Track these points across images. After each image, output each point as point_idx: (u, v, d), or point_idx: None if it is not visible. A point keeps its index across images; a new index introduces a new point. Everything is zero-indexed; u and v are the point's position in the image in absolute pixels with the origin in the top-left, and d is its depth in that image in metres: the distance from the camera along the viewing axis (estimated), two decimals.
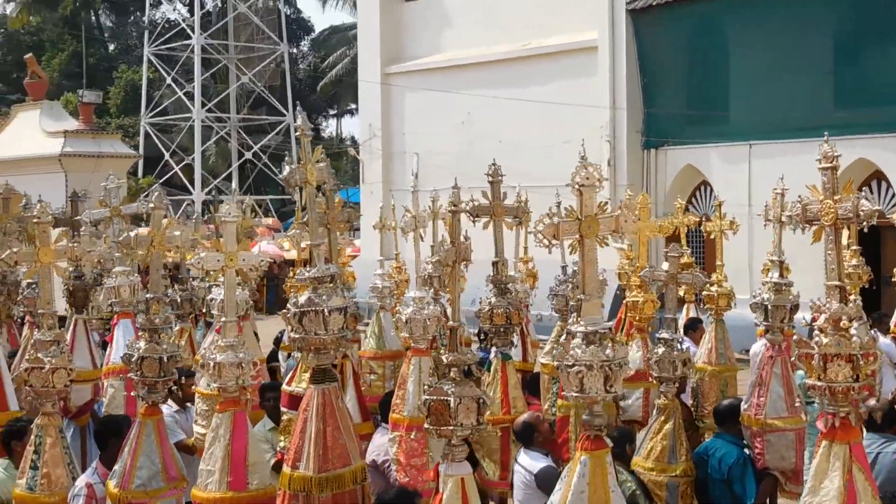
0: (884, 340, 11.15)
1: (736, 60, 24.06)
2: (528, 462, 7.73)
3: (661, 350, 7.80)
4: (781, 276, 8.20)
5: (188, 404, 9.28)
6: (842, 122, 21.28)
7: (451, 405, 5.17)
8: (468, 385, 5.23)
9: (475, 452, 8.40)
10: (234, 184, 37.74)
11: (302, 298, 5.85)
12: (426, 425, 5.28)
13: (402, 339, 9.71)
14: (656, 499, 7.67)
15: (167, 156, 45.45)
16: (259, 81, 46.45)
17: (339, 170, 52.27)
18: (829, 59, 22.44)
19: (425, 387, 5.38)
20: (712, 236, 11.44)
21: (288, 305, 5.97)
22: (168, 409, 8.81)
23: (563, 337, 5.18)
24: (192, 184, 44.41)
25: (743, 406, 8.15)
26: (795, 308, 8.21)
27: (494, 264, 8.62)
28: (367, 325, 11.46)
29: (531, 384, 10.11)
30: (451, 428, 5.19)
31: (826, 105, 22.08)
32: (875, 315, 11.56)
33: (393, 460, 7.87)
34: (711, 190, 24.18)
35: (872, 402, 7.85)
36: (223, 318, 6.54)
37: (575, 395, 5.07)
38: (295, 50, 57.90)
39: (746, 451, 8.01)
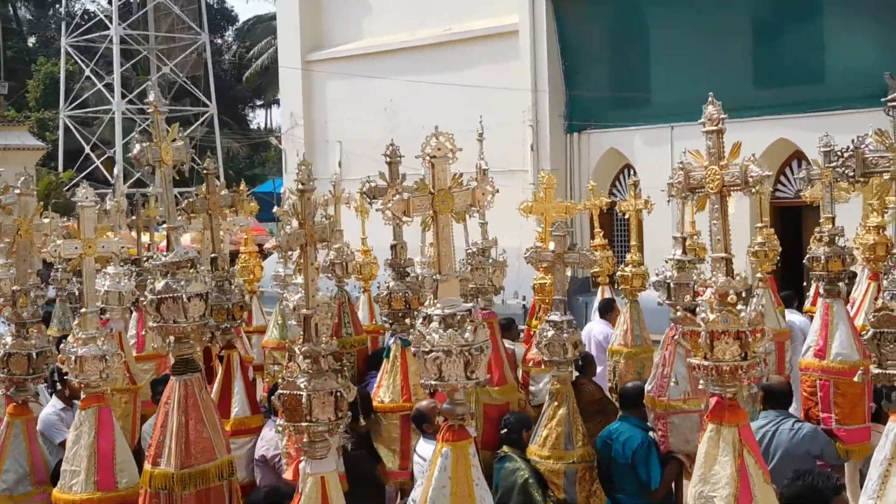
0: (798, 318, 10.95)
1: (657, 43, 23.96)
2: (426, 451, 7.40)
3: (550, 333, 7.46)
4: (684, 252, 7.89)
5: (75, 401, 8.78)
6: (762, 103, 21.27)
7: (304, 400, 4.75)
8: (325, 377, 4.80)
9: (374, 442, 8.10)
10: (157, 176, 36.82)
11: (159, 285, 5.41)
12: (279, 422, 4.87)
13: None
14: (553, 487, 7.37)
15: (87, 149, 44.33)
16: (181, 72, 45.51)
17: (268, 161, 51.55)
18: (749, 40, 22.41)
19: (280, 380, 4.94)
20: (626, 216, 11.17)
21: (145, 292, 5.52)
22: (53, 406, 8.36)
23: (420, 321, 4.79)
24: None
25: (647, 387, 7.85)
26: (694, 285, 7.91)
27: (393, 248, 8.23)
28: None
29: None
30: (306, 425, 4.76)
31: (746, 86, 22.04)
32: (784, 294, 11.39)
33: (283, 454, 7.45)
34: (635, 173, 24.03)
35: (770, 378, 7.63)
36: (84, 310, 6.08)
37: (434, 382, 4.68)
38: (220, 40, 57.01)
39: (651, 434, 7.71)
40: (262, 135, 49.31)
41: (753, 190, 4.90)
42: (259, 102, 58.77)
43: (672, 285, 7.83)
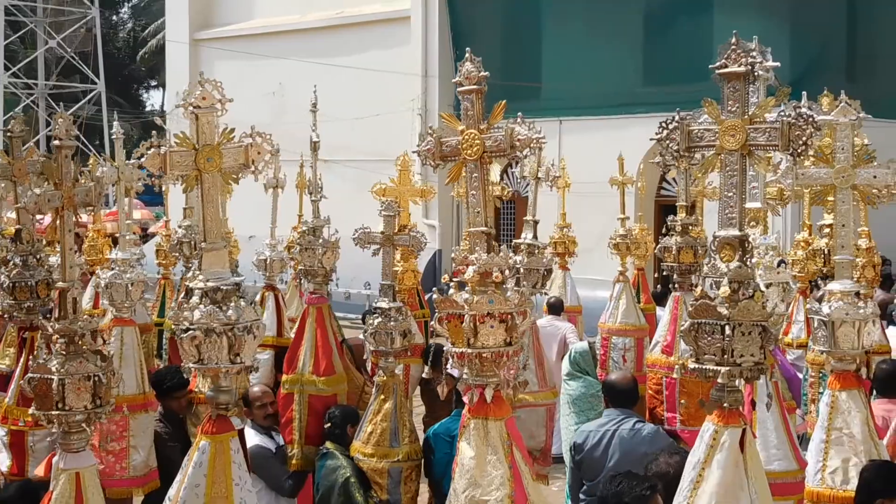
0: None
1: (548, 34, 23.71)
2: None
3: (376, 321, 6.98)
4: (535, 237, 7.48)
5: None
6: (652, 99, 21.09)
7: (55, 385, 4.18)
8: (80, 360, 4.22)
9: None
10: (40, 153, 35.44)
11: None
12: (31, 410, 4.28)
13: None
14: (376, 487, 6.89)
15: None
16: (69, 47, 43.95)
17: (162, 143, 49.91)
18: (640, 35, 22.27)
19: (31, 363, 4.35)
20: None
21: None
22: None
23: (182, 296, 4.24)
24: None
25: None
26: (549, 272, 7.51)
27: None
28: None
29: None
30: (58, 413, 4.18)
31: (636, 82, 21.91)
32: (659, 292, 11.16)
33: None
34: (522, 166, 23.80)
35: (613, 375, 7.25)
36: None
37: (193, 365, 4.15)
38: (115, 17, 55.34)
39: None
40: (148, 115, 47.91)
41: (520, 154, 4.44)
42: (154, 83, 57.20)
43: (522, 270, 7.43)
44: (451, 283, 4.59)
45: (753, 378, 4.54)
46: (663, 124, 4.65)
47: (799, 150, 4.44)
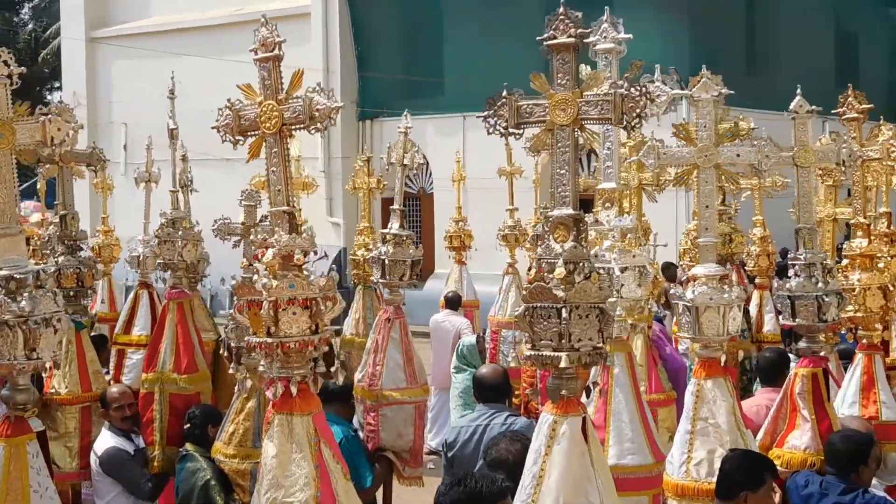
0: None
1: (450, 30, 23.54)
2: (99, 443, 6.83)
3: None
4: (402, 226, 7.16)
5: None
6: None
7: None
8: None
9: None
10: None
11: None
12: None
13: None
14: (238, 489, 6.50)
15: None
16: None
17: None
18: (539, 30, 22.03)
19: None
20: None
21: None
22: None
23: None
24: None
25: (357, 377, 7.10)
26: (417, 263, 7.20)
27: (62, 218, 7.22)
28: None
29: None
30: None
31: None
32: None
33: None
34: (427, 163, 23.56)
35: (483, 369, 6.96)
36: None
37: None
38: (15, 18, 53.86)
39: (356, 431, 6.96)
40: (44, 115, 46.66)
41: (321, 126, 4.13)
42: (57, 84, 55.74)
43: (387, 262, 7.11)
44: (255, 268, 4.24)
45: (593, 363, 4.27)
46: (491, 100, 4.37)
47: (632, 123, 4.21)
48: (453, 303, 12.36)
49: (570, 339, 4.18)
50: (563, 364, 4.17)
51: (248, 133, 4.29)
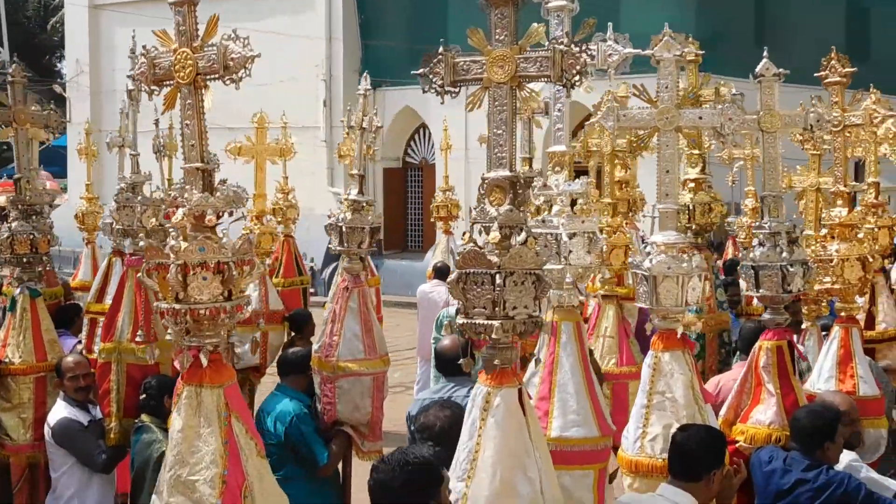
0: None
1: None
2: (52, 414, 6.65)
3: None
4: (361, 192, 6.94)
5: None
6: None
7: None
8: None
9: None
10: None
11: None
12: None
13: None
14: None
15: None
16: None
17: None
18: None
19: None
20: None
21: None
22: None
23: None
24: None
25: (314, 347, 6.90)
26: (376, 230, 6.98)
27: (17, 182, 7.04)
28: None
29: None
30: None
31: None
32: None
33: None
34: (430, 133, 23.33)
35: (445, 341, 6.74)
36: None
37: None
38: None
39: (306, 407, 6.76)
40: (47, 82, 46.52)
41: (236, 77, 3.92)
42: (65, 53, 55.59)
43: (345, 229, 6.89)
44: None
45: (528, 332, 4.06)
46: (427, 57, 4.15)
47: (572, 81, 3.98)
48: (442, 273, 12.17)
49: (504, 307, 3.97)
50: (495, 333, 3.96)
51: (164, 83, 4.07)
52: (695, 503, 4.71)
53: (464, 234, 4.02)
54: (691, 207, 7.63)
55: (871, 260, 6.36)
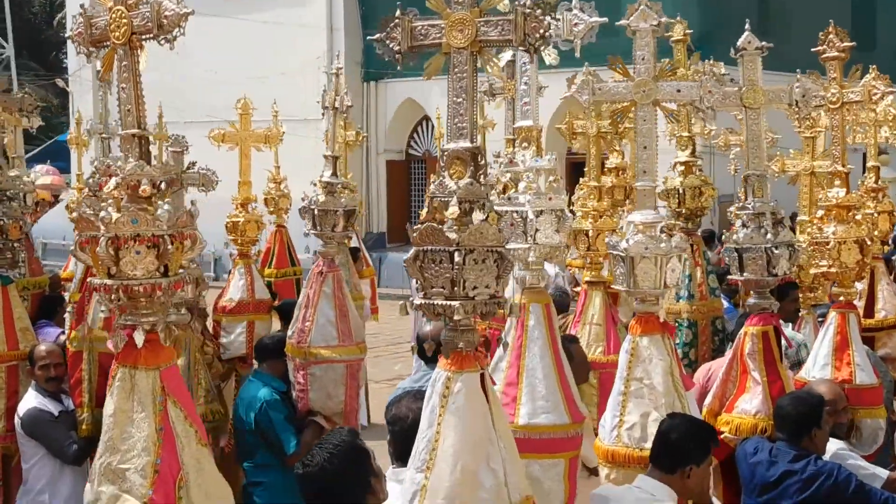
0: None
1: None
2: (22, 404, 6.49)
3: None
4: (335, 174, 6.72)
5: None
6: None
7: None
8: None
9: None
10: None
11: None
12: None
13: None
14: None
15: None
16: None
17: None
18: None
19: None
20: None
21: None
22: None
23: None
24: None
25: (288, 333, 6.69)
26: (351, 213, 6.76)
27: None
28: None
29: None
30: None
31: None
32: None
33: None
34: (433, 125, 23.11)
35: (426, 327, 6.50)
36: None
37: None
38: None
39: (280, 394, 6.55)
40: (50, 76, 46.28)
41: (170, 37, 3.69)
42: None
43: (317, 211, 6.67)
44: None
45: (491, 313, 3.82)
46: (384, 21, 3.92)
47: (536, 45, 3.75)
48: None
49: (463, 287, 3.73)
50: (456, 315, 3.73)
51: (101, 44, 3.84)
52: (673, 496, 4.47)
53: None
54: (681, 191, 7.38)
55: (869, 243, 6.08)
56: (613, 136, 7.04)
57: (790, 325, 7.63)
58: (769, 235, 5.21)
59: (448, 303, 3.74)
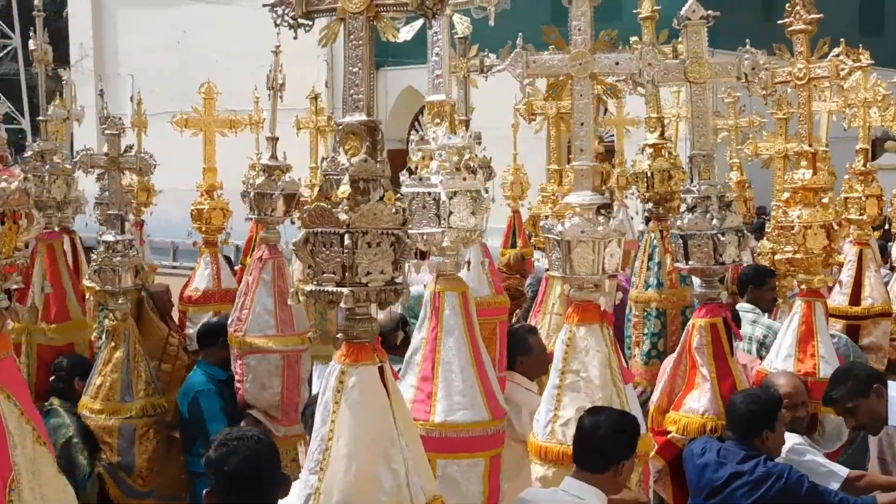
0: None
1: None
2: None
3: (101, 256, 6.05)
4: (274, 157, 6.43)
5: None
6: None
7: None
8: None
9: None
10: None
11: None
12: None
13: None
14: (104, 447, 6.00)
15: None
16: None
17: None
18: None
19: None
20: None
21: None
22: None
23: None
24: None
25: (230, 321, 6.41)
26: (291, 197, 6.46)
27: None
28: None
29: None
30: None
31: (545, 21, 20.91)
32: None
33: None
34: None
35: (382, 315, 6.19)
36: None
37: None
38: None
39: (217, 383, 6.29)
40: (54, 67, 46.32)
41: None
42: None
43: (253, 194, 6.40)
44: None
45: (388, 301, 3.50)
46: None
47: (434, 10, 3.44)
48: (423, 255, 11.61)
49: (355, 273, 3.42)
50: (344, 302, 3.42)
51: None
52: (602, 497, 4.15)
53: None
54: (650, 175, 7.04)
55: (836, 228, 5.73)
56: (572, 118, 6.67)
57: (767, 314, 7.31)
58: (715, 221, 4.86)
59: (338, 289, 3.42)
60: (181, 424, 6.33)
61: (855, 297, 7.90)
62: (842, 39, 5.83)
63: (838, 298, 7.96)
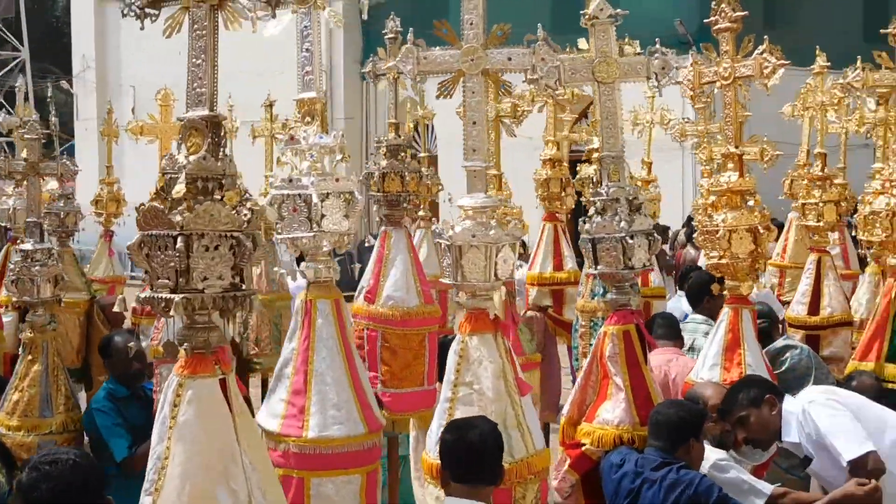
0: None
1: None
2: None
3: (19, 265, 5.91)
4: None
5: None
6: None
7: None
8: None
9: None
10: None
11: None
12: None
13: None
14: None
15: None
16: None
17: None
18: None
19: None
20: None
21: None
22: None
23: None
24: None
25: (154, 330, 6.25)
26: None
27: None
28: None
29: None
30: None
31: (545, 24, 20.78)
32: None
33: None
34: (432, 124, 22.68)
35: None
36: None
37: None
38: None
39: (116, 399, 6.10)
40: (56, 77, 46.36)
41: None
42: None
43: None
44: None
45: (229, 309, 3.31)
46: None
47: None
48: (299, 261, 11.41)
49: (190, 278, 3.23)
50: (175, 310, 3.23)
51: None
52: None
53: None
54: (595, 180, 6.81)
55: (763, 232, 5.49)
56: (513, 121, 6.49)
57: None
58: (623, 224, 4.64)
59: (172, 296, 3.23)
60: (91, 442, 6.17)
61: (814, 307, 7.67)
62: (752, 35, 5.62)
63: (797, 308, 7.73)
